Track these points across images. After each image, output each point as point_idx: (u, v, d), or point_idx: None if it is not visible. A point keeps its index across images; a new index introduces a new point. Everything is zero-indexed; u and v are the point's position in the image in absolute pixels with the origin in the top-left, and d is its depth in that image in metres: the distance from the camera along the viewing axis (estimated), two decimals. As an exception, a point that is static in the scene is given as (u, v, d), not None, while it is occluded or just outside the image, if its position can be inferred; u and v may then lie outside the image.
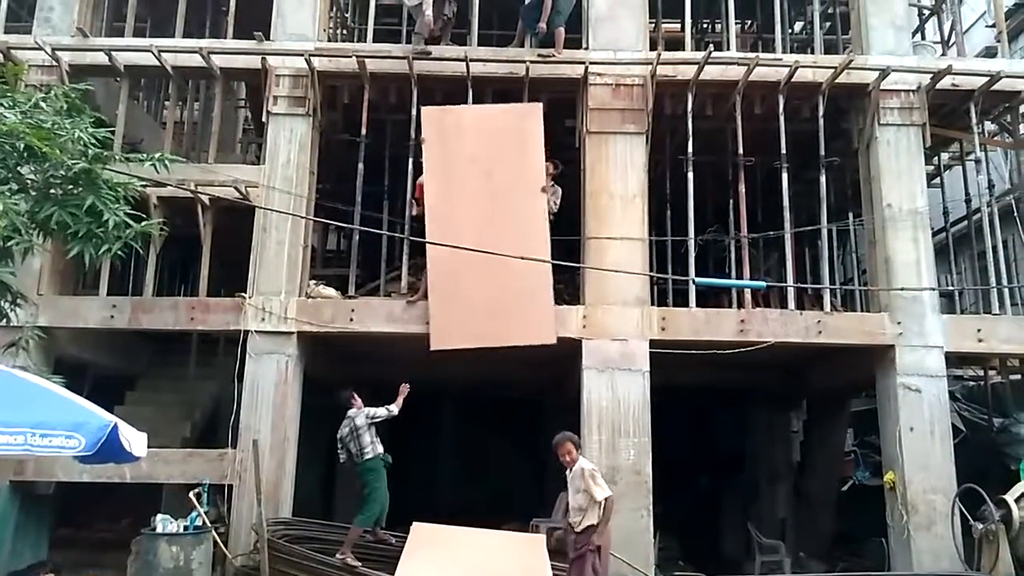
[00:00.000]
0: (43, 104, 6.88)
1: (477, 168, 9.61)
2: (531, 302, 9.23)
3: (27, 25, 10.88)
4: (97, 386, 10.40)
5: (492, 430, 14.97)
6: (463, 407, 15.27)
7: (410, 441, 12.65)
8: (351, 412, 8.58)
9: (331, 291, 9.88)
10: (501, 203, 9.51)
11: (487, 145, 9.71)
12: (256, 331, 9.31)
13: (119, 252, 6.79)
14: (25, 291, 7.74)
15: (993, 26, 11.74)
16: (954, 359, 10.23)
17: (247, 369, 9.28)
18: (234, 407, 9.18)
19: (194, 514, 8.28)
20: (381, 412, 8.51)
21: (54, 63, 9.84)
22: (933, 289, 9.63)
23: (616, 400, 9.21)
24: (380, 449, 8.55)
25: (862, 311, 10.68)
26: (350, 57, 9.99)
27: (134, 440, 5.50)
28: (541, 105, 9.75)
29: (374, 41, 10.77)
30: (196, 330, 10.25)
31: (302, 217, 9.67)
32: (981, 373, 12.20)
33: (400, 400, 8.63)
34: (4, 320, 7.22)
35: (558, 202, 9.84)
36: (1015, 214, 12.07)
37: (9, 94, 6.89)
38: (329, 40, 11.21)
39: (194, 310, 9.61)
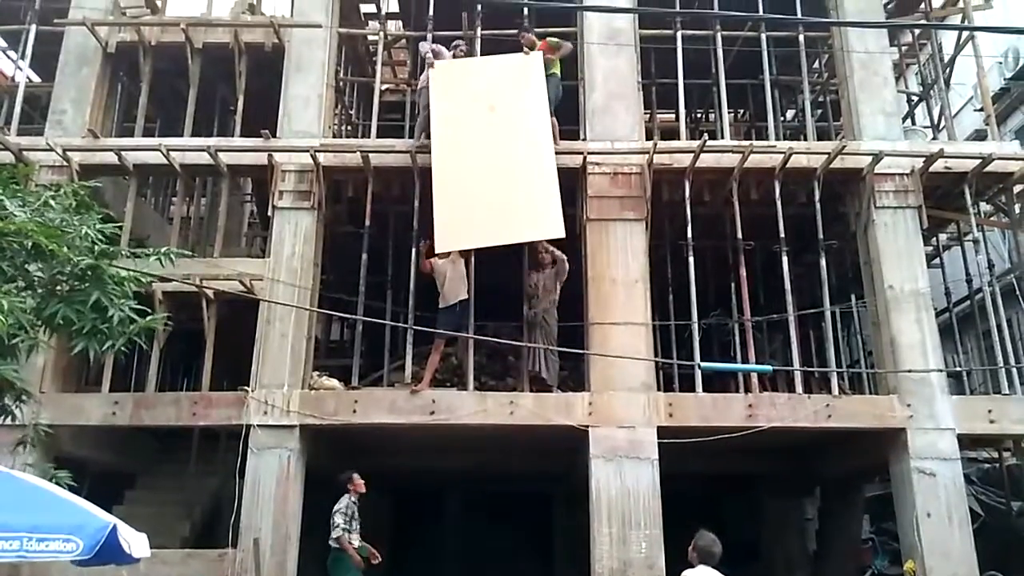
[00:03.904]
0: (52, 202, 6.97)
1: (482, 103, 9.82)
2: (538, 197, 9.02)
3: (39, 127, 11.18)
4: (96, 484, 10.22)
5: (497, 523, 14.60)
6: (467, 499, 14.94)
7: (412, 535, 12.33)
8: (345, 497, 8.60)
9: (334, 382, 9.81)
10: (505, 131, 9.67)
11: (492, 82, 10.02)
12: (258, 425, 9.19)
13: (123, 347, 6.77)
14: (28, 388, 7.68)
15: (981, 110, 12.01)
16: (966, 441, 10.04)
17: (248, 465, 9.12)
18: (235, 505, 8.98)
19: (192, 618, 8.02)
20: (338, 519, 8.43)
21: (64, 163, 10.06)
22: (941, 371, 9.55)
23: (625, 490, 9.00)
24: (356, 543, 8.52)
25: (870, 393, 10.57)
26: (354, 152, 10.23)
27: (134, 541, 5.34)
28: (541, 54, 10.10)
29: (378, 136, 11.01)
30: (198, 425, 10.15)
31: (306, 309, 9.69)
32: (995, 455, 11.97)
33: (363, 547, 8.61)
34: (9, 418, 7.15)
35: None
36: (1017, 293, 12.08)
37: (19, 194, 7.00)
38: (334, 136, 11.48)
39: (196, 405, 9.55)
